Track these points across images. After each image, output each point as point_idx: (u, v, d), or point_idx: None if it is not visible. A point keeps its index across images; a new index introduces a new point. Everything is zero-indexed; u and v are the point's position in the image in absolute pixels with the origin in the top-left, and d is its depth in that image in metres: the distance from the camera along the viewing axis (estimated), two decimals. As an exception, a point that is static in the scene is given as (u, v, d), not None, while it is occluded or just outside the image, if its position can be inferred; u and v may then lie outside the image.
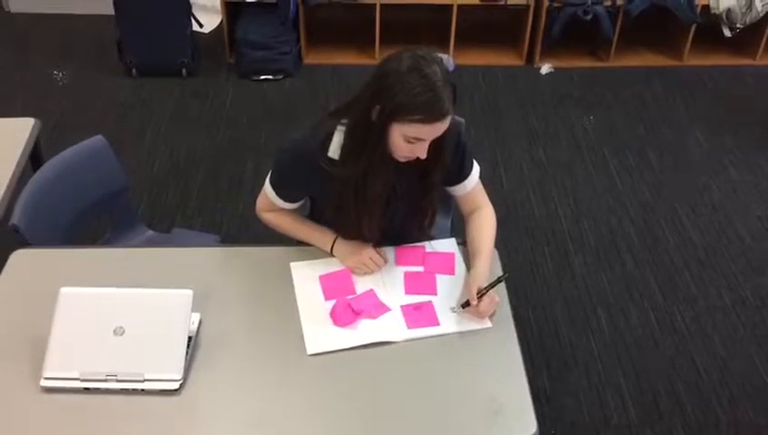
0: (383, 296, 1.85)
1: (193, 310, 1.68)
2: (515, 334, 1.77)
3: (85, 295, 1.67)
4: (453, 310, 1.82)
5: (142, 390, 1.61)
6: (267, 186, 1.95)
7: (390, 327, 1.78)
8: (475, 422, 1.58)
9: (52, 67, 4.37)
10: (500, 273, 1.90)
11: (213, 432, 1.56)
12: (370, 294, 1.86)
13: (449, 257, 1.96)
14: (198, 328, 1.75)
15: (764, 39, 4.50)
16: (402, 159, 1.76)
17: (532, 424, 1.57)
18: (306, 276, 1.91)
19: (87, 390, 1.61)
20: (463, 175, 1.96)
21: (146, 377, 1.61)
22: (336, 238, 1.95)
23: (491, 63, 4.53)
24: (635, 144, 3.89)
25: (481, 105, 4.17)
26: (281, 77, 4.32)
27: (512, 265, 3.10)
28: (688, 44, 4.49)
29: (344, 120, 1.78)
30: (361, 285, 1.88)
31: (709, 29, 4.48)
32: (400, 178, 1.84)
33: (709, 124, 4.06)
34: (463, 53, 4.50)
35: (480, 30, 4.65)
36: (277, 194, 1.94)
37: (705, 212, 3.45)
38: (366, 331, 1.76)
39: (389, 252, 1.97)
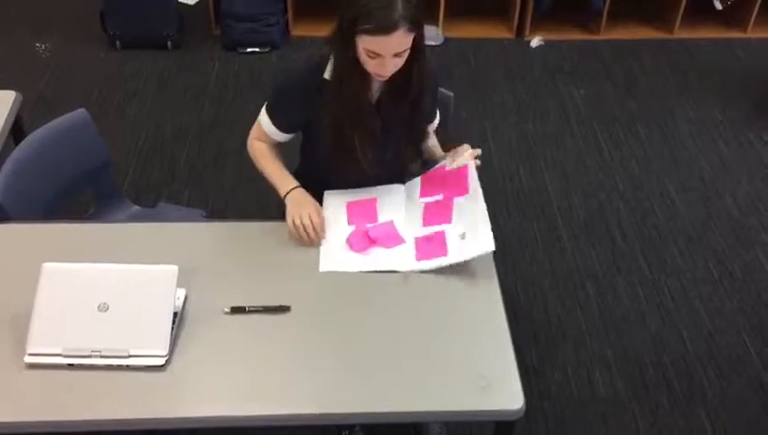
0: (401, 228, 1.92)
1: (178, 286, 1.66)
2: (503, 309, 1.77)
3: (68, 271, 1.65)
4: (461, 236, 1.86)
5: (127, 366, 1.60)
6: (263, 115, 1.98)
7: (400, 258, 1.86)
8: (463, 397, 1.58)
9: (34, 39, 4.30)
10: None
11: (199, 408, 1.55)
12: (389, 224, 1.92)
13: (463, 173, 1.98)
14: (184, 304, 1.73)
15: (755, 12, 4.48)
16: (378, 78, 1.81)
17: (519, 399, 1.57)
18: (335, 202, 1.99)
19: (71, 366, 1.59)
20: (432, 116, 2.09)
21: (131, 353, 1.60)
22: (295, 188, 1.95)
23: (481, 36, 4.48)
24: (624, 118, 3.87)
25: (470, 78, 4.14)
26: (267, 50, 4.26)
27: (501, 240, 3.08)
28: (679, 17, 4.46)
29: None
30: (384, 214, 1.95)
31: (700, 1, 4.46)
32: (391, 112, 1.90)
33: (699, 98, 4.05)
34: (452, 26, 4.46)
35: (470, 3, 4.60)
36: (273, 122, 1.96)
37: (694, 186, 3.45)
38: (377, 258, 1.86)
39: (415, 185, 2.02)
